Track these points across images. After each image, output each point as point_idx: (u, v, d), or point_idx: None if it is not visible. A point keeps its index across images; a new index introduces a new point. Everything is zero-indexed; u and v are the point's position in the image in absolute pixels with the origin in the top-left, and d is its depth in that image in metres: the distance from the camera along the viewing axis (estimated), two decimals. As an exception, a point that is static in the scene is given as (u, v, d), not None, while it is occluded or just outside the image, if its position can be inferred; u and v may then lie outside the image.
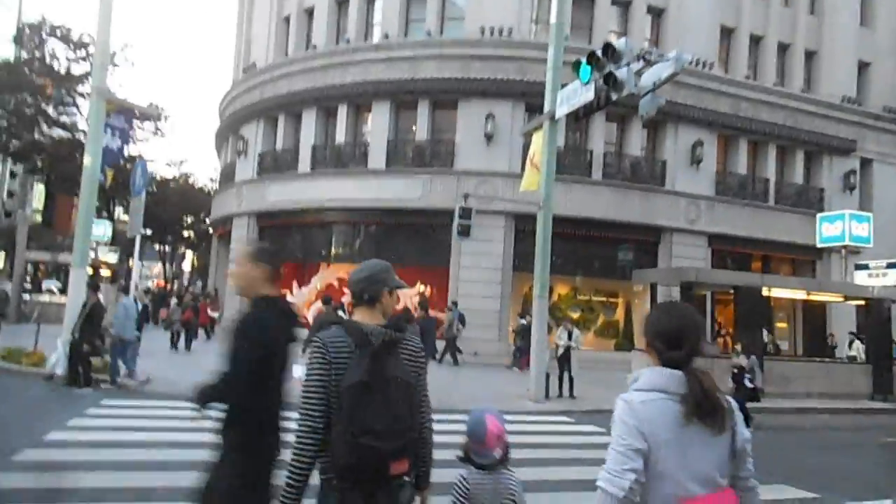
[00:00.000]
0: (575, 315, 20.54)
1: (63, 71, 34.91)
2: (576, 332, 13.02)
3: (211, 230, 32.90)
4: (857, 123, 23.56)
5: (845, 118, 23.34)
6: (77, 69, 36.08)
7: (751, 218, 21.64)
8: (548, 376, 12.19)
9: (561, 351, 12.65)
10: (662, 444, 1.77)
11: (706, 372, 1.88)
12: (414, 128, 20.81)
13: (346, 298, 21.54)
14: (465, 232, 11.60)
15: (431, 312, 20.43)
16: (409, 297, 20.62)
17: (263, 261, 2.88)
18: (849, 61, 24.03)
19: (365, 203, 20.44)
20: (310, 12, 23.34)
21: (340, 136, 21.57)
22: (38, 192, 50.84)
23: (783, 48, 23.42)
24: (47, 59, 34.27)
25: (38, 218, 48.71)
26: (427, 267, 20.67)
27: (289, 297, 22.66)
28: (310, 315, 19.60)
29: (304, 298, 21.82)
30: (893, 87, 24.73)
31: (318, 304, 19.89)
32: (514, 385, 13.43)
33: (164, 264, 57.71)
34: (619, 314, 21.43)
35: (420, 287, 20.74)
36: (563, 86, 11.37)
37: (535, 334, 11.78)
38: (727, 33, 22.53)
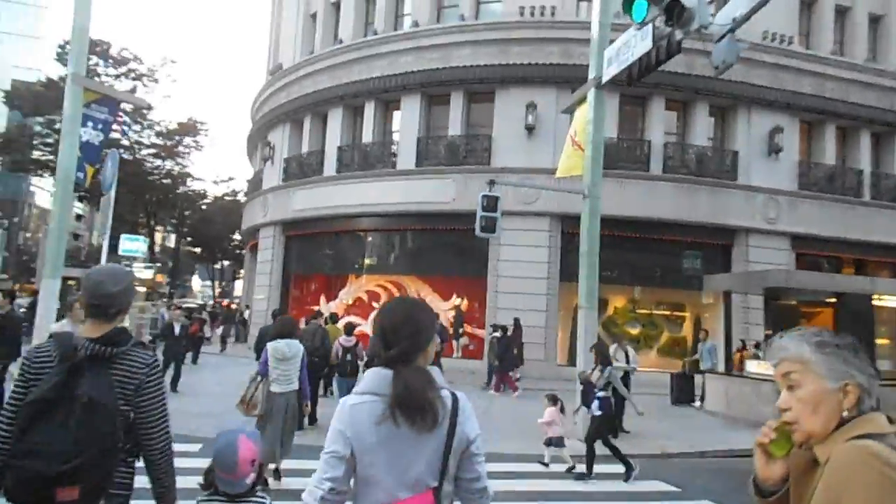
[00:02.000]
0: (634, 331, 17.84)
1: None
2: (631, 351, 10.55)
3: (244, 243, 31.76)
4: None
5: (953, 98, 19.84)
6: (120, 87, 36.19)
7: (841, 216, 18.44)
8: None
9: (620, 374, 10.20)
10: (368, 448, 1.73)
11: (422, 370, 1.81)
12: (446, 123, 18.75)
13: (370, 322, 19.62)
14: (489, 228, 9.35)
15: (469, 329, 18.19)
16: (443, 311, 18.48)
17: None
18: (955, 32, 20.54)
19: (393, 207, 18.47)
20: (337, 6, 21.76)
21: (367, 136, 19.75)
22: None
23: (874, 20, 20.18)
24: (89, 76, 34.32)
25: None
26: (464, 277, 18.47)
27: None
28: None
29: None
30: None
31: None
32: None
33: (213, 282, 57.83)
34: (687, 329, 18.54)
35: (456, 300, 18.53)
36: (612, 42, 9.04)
37: (584, 352, 9.38)
38: (808, 4, 19.53)
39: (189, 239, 49.63)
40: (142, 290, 31.39)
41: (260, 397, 6.17)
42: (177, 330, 12.72)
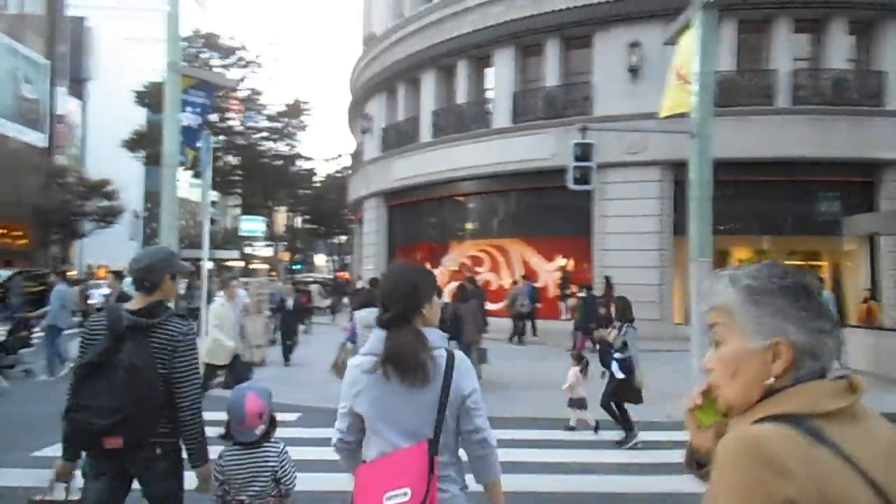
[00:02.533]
0: (762, 285, 16.17)
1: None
2: None
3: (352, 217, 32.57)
4: None
5: None
6: (231, 75, 38.05)
7: None
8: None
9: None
10: (369, 403, 1.92)
11: (414, 331, 1.93)
12: (541, 75, 17.74)
13: (482, 276, 19.27)
14: (584, 179, 8.53)
15: (575, 290, 17.33)
16: (548, 272, 17.80)
17: None
18: None
19: (490, 169, 17.89)
20: (424, -35, 21.20)
21: (461, 97, 19.21)
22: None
23: None
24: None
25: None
26: (567, 236, 17.60)
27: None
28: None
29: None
30: None
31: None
32: (662, 384, 10.06)
33: (330, 256, 60.47)
34: (825, 277, 16.52)
35: (560, 261, 17.74)
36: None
37: (695, 313, 8.42)
38: None
39: (308, 217, 51.96)
40: (264, 266, 33.50)
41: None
42: (289, 303, 13.20)
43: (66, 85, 40.08)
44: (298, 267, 50.78)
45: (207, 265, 11.13)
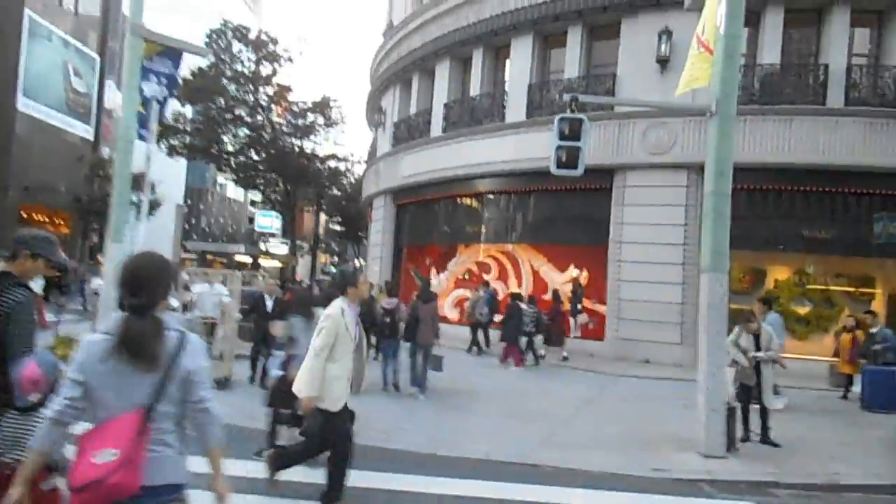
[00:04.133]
0: (802, 310, 14.15)
1: (248, 72, 36.36)
2: (767, 332, 7.56)
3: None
4: None
5: None
6: (262, 70, 37.46)
7: None
8: (731, 411, 7.03)
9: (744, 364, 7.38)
10: (97, 376, 2.12)
11: (152, 318, 2.15)
12: (562, 67, 16.11)
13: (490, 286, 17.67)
14: (571, 162, 6.89)
15: (589, 304, 15.60)
16: (559, 283, 16.10)
17: None
18: None
19: (502, 167, 16.34)
20: (445, -50, 19.86)
21: (475, 88, 17.73)
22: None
23: None
24: (233, 63, 35.84)
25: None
26: (583, 244, 15.88)
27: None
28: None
29: (441, 287, 18.34)
30: None
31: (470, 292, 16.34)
32: (664, 421, 8.32)
33: (356, 258, 59.48)
34: (878, 307, 14.34)
35: (573, 271, 16.00)
36: None
37: (707, 334, 6.70)
38: None
39: (338, 219, 50.93)
40: (276, 265, 32.47)
41: None
42: (268, 304, 9.68)
43: (115, 80, 40.32)
44: (333, 270, 49.92)
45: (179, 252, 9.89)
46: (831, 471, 6.36)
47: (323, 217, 59.13)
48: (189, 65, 37.17)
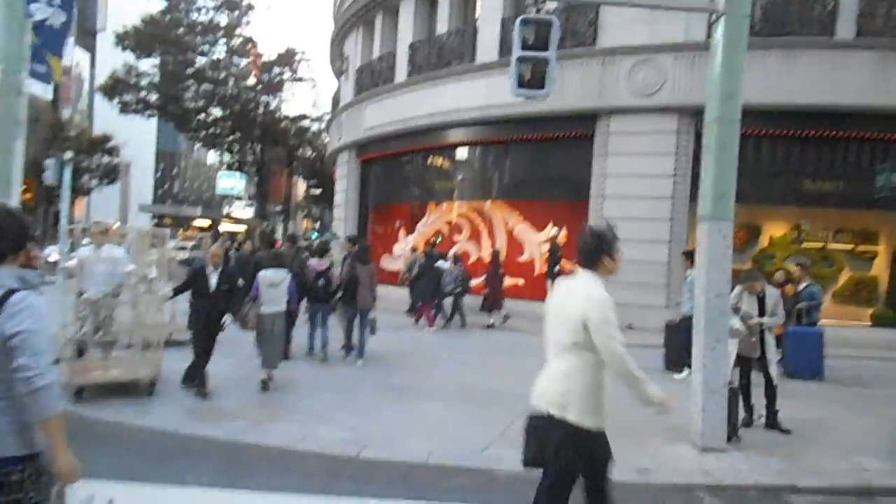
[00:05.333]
0: (795, 269, 12.88)
1: (207, 22, 33.88)
2: (772, 296, 6.22)
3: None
4: None
5: None
6: (220, 19, 34.98)
7: None
8: (733, 393, 5.72)
9: (744, 333, 6.01)
10: None
11: None
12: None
13: (459, 246, 16.27)
14: (536, 81, 5.30)
15: (568, 265, 14.23)
16: (536, 244, 14.71)
17: None
18: None
19: (472, 114, 14.70)
20: None
21: (443, 25, 15.94)
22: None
23: None
24: (188, 11, 33.32)
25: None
26: (563, 199, 14.44)
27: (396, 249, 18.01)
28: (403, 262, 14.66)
29: (407, 249, 16.87)
30: None
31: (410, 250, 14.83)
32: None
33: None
34: (879, 267, 13.15)
35: (552, 230, 14.57)
36: None
37: (705, 296, 5.32)
38: None
39: (313, 181, 48.67)
40: (240, 228, 30.61)
41: (252, 316, 6.96)
42: (212, 280, 6.61)
43: (75, 36, 37.37)
44: (316, 236, 47.93)
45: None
46: (859, 465, 5.09)
47: (303, 182, 56.91)
48: (138, 10, 34.62)
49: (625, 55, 12.70)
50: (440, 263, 12.47)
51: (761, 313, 6.12)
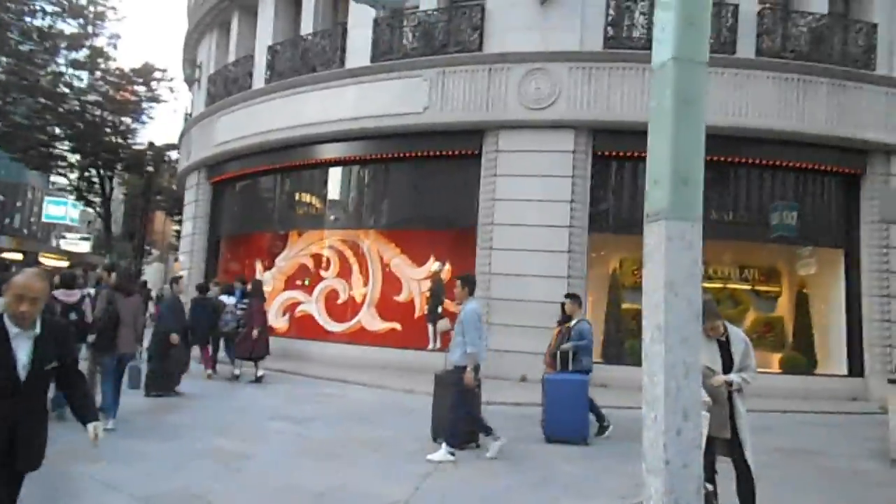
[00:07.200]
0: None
1: (45, 28, 29.44)
2: (738, 332, 4.35)
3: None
4: None
5: None
6: (64, 27, 30.66)
7: None
8: (708, 497, 3.68)
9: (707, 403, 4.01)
10: None
11: None
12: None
13: (325, 284, 13.73)
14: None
15: (451, 307, 12.04)
16: (416, 280, 12.54)
17: None
18: None
19: (340, 126, 12.43)
20: None
21: (307, 26, 13.70)
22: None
23: None
24: (20, 15, 28.74)
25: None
26: (446, 228, 12.44)
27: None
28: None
29: (269, 286, 13.97)
30: None
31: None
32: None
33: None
34: (783, 307, 12.23)
35: (434, 265, 12.43)
36: None
37: (660, 345, 3.25)
38: None
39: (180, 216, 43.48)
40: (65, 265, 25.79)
41: None
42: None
43: None
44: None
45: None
46: None
47: (167, 217, 51.10)
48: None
49: (515, 63, 11.07)
50: (223, 298, 10.59)
51: (726, 368, 4.19)
